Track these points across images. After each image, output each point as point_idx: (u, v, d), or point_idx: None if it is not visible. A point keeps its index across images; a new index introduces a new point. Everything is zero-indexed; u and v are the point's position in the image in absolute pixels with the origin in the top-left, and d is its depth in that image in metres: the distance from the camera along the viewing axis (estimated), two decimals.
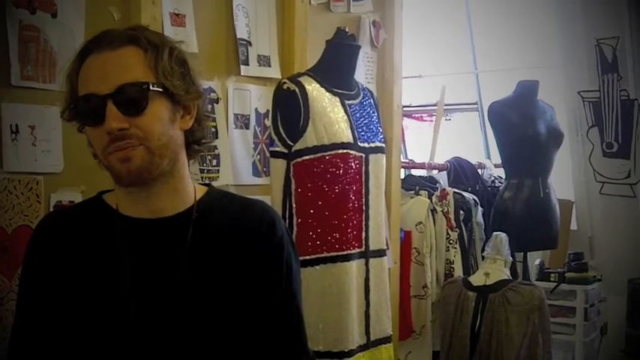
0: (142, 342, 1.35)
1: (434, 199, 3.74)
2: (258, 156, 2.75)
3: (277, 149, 2.38)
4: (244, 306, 1.41)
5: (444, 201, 3.75)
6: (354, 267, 2.41)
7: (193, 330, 1.37)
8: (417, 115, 6.19)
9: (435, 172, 4.26)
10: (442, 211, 3.71)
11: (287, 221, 2.35)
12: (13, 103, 2.06)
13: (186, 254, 1.38)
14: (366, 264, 2.46)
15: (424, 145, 5.57)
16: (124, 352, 1.35)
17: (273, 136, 2.39)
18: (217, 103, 2.60)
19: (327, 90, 2.41)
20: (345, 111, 2.43)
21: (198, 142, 1.45)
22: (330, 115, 2.36)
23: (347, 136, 2.39)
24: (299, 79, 2.39)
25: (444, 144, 5.30)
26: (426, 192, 3.75)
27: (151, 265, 1.38)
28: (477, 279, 3.37)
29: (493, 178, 4.48)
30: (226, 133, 2.63)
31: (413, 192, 3.73)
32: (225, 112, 2.64)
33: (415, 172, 4.21)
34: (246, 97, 2.72)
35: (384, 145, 2.57)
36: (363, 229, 2.45)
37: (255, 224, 1.44)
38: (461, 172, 4.29)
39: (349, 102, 2.47)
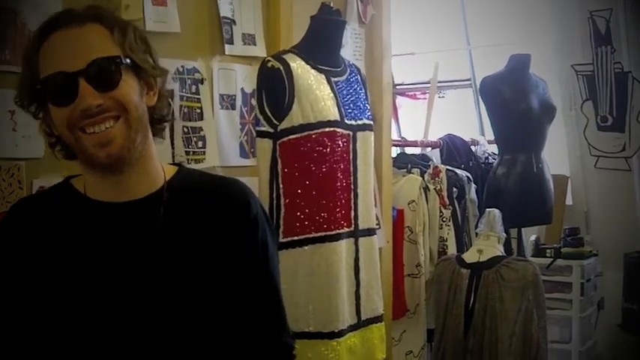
0: (115, 327, 1.33)
1: (426, 176, 3.70)
2: (246, 137, 2.71)
3: (263, 129, 2.34)
4: (219, 287, 1.39)
5: (437, 179, 3.71)
6: (343, 247, 2.37)
7: (167, 313, 1.34)
8: (410, 93, 6.13)
9: (428, 149, 4.22)
10: (435, 188, 3.68)
11: (274, 202, 2.32)
12: None
13: (157, 237, 1.36)
14: (356, 243, 2.43)
15: (418, 123, 5.53)
16: (97, 339, 1.33)
17: (258, 115, 2.35)
18: (202, 83, 2.56)
19: (313, 67, 2.37)
20: (332, 88, 2.38)
21: (162, 119, 1.44)
22: (315, 93, 2.32)
23: (333, 113, 2.35)
24: (283, 56, 2.34)
25: (438, 121, 5.28)
26: (418, 170, 3.71)
27: (121, 249, 1.35)
28: (470, 256, 3.35)
29: (487, 155, 4.43)
30: (212, 114, 2.59)
31: (405, 170, 3.69)
32: (211, 93, 2.59)
33: (409, 150, 4.18)
34: (231, 77, 2.67)
35: (372, 122, 2.53)
36: (352, 208, 2.41)
37: (228, 203, 1.42)
38: (454, 149, 4.25)
39: (335, 79, 2.42)
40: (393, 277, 3.46)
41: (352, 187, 2.41)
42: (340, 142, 2.36)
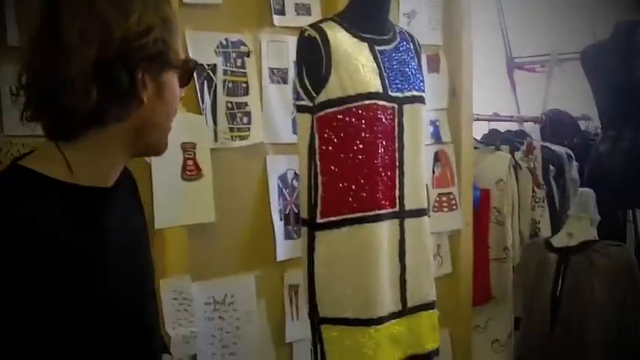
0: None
1: (518, 154, 3.45)
2: None
3: (303, 103, 2.21)
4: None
5: (531, 156, 3.45)
6: (385, 228, 2.20)
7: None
8: (528, 67, 5.76)
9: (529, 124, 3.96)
10: (527, 167, 3.42)
11: (312, 180, 2.19)
12: None
13: (132, 219, 1.42)
14: (401, 225, 2.24)
15: (537, 97, 5.23)
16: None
17: (298, 88, 2.22)
18: (248, 56, 2.47)
19: (354, 35, 2.20)
20: (375, 58, 2.21)
21: None
22: (354, 63, 2.15)
23: (375, 85, 2.17)
24: (321, 25, 2.19)
25: (556, 96, 4.97)
26: (508, 147, 3.45)
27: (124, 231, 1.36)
28: (558, 240, 3.07)
29: (598, 131, 4.08)
30: (258, 88, 2.49)
31: (493, 147, 3.45)
32: (258, 67, 2.50)
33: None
34: (283, 50, 2.56)
35: (422, 94, 2.32)
36: (397, 187, 2.23)
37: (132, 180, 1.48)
38: (558, 125, 3.95)
39: (380, 47, 2.24)
40: (476, 260, 3.26)
41: (397, 164, 2.23)
42: (383, 116, 2.19)
